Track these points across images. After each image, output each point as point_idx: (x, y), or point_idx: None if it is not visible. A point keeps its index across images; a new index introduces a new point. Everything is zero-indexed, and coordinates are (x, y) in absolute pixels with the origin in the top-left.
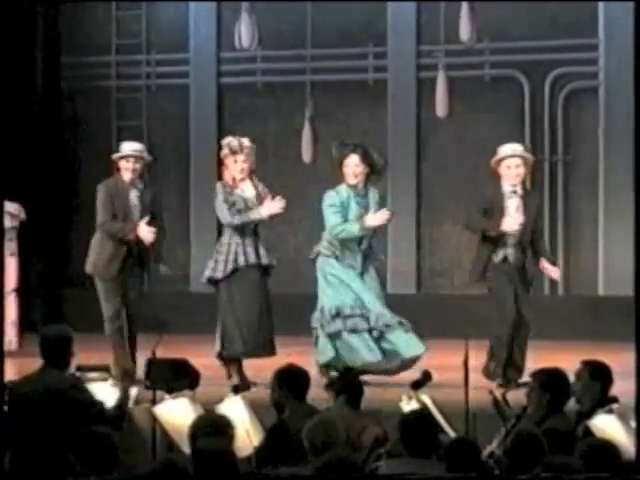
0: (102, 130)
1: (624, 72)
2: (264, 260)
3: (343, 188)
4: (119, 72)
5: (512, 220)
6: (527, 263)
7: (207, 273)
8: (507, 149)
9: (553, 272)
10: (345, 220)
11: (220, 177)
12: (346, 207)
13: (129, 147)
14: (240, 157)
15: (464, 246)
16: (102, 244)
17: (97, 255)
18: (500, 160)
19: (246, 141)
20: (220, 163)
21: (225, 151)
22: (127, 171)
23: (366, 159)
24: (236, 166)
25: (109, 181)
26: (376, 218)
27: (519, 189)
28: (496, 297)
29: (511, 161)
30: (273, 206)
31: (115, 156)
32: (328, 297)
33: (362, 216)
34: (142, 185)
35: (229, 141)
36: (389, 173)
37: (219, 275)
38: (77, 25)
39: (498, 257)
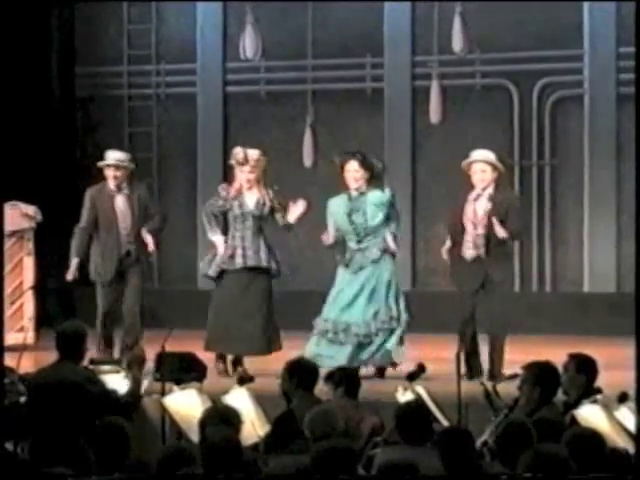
0: (114, 136)
1: (607, 81)
2: (250, 262)
3: (337, 198)
4: (130, 81)
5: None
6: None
7: (204, 269)
8: (474, 154)
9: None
10: (336, 229)
11: (226, 182)
12: (337, 217)
13: (112, 156)
14: (246, 168)
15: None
16: (95, 249)
17: (94, 260)
18: (468, 165)
19: (254, 153)
20: (226, 168)
21: (232, 162)
22: (110, 178)
23: (365, 164)
24: (242, 176)
25: (94, 187)
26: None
27: (484, 193)
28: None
29: (476, 166)
30: (219, 244)
31: (99, 164)
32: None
33: (349, 218)
34: (128, 190)
35: (236, 153)
36: (385, 176)
37: (211, 273)
38: (91, 37)
39: (470, 256)
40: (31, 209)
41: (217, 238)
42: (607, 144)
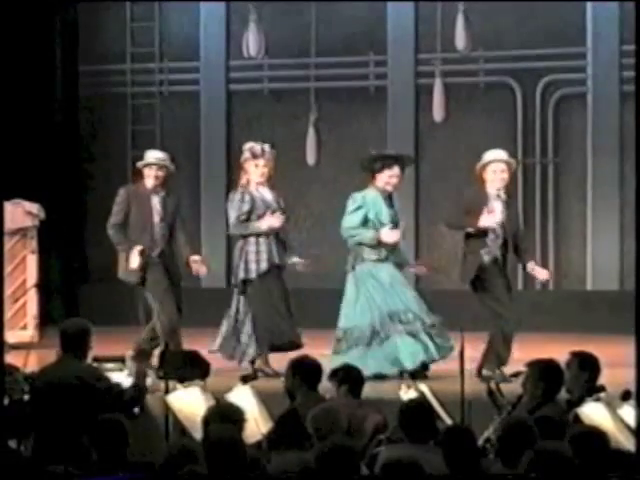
0: (118, 134)
1: (610, 79)
2: (283, 260)
3: (371, 192)
4: (134, 79)
5: (490, 217)
6: (507, 264)
7: (241, 275)
8: (492, 155)
9: (542, 274)
10: (365, 223)
11: (230, 179)
12: (376, 210)
13: (153, 156)
14: (261, 162)
15: (460, 244)
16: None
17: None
18: (485, 165)
19: (267, 147)
20: (230, 166)
21: (246, 155)
22: (149, 178)
23: (403, 172)
24: (256, 170)
25: (131, 186)
26: (391, 235)
27: (502, 193)
28: (491, 296)
29: (496, 166)
30: (273, 220)
31: (139, 164)
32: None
33: (392, 217)
34: (164, 192)
35: (251, 146)
36: None
37: (252, 275)
38: (94, 36)
39: (488, 258)
40: (34, 207)
41: (265, 221)
42: (610, 142)
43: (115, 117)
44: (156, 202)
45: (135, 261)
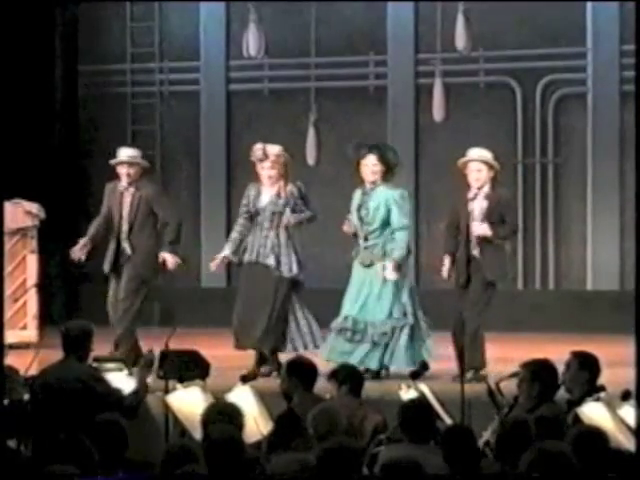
0: (118, 134)
1: (610, 79)
2: (261, 259)
3: (358, 189)
4: (134, 79)
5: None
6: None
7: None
8: (470, 153)
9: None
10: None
11: (230, 179)
12: (351, 208)
13: (124, 153)
14: (266, 164)
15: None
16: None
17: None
18: (464, 163)
19: (273, 149)
20: (230, 166)
21: (252, 158)
22: (122, 176)
23: (382, 159)
24: (263, 172)
25: (111, 182)
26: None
27: (480, 192)
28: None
29: (473, 165)
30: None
31: (111, 162)
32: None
33: (358, 213)
34: (134, 188)
35: (255, 149)
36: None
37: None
38: (94, 35)
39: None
40: (34, 207)
41: (223, 254)
42: (610, 142)
43: (115, 117)
44: (126, 199)
45: (75, 252)
